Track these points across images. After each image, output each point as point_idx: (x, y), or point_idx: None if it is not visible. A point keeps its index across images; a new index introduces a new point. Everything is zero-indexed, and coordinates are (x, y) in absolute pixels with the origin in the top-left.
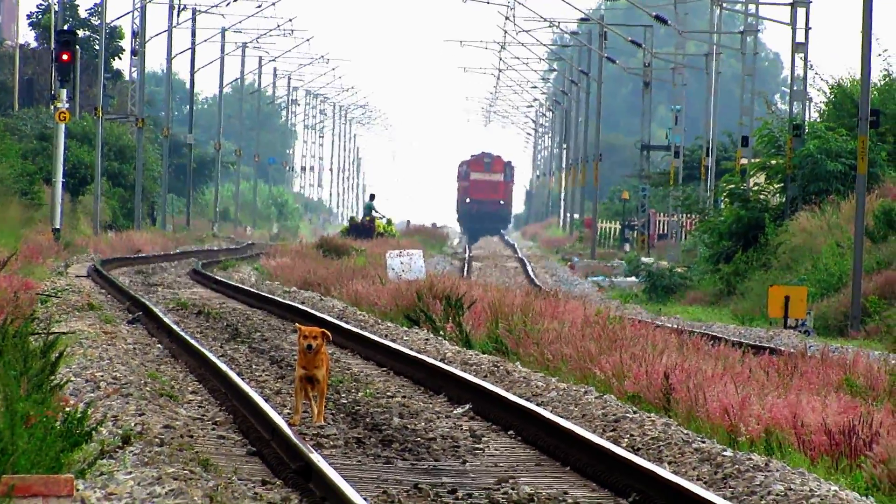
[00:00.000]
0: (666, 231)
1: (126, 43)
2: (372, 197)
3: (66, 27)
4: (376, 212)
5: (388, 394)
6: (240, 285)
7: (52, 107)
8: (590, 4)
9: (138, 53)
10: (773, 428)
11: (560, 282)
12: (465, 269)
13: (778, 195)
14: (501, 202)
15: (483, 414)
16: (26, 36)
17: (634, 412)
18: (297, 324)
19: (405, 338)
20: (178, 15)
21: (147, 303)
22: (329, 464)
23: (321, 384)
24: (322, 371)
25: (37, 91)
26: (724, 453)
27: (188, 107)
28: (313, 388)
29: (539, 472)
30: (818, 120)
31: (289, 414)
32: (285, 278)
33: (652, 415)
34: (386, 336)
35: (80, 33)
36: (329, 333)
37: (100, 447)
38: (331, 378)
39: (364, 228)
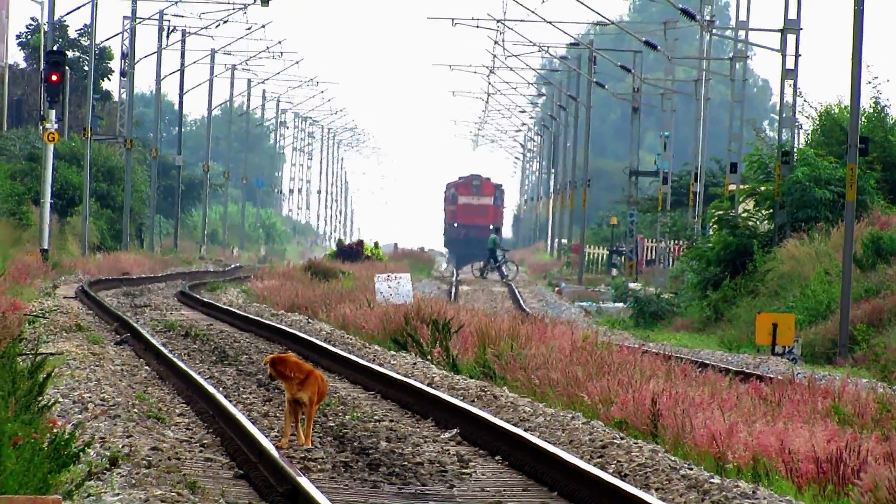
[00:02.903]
0: (654, 257)
1: (115, 64)
2: (497, 230)
3: (55, 48)
4: (500, 248)
5: (376, 418)
6: (227, 307)
7: (40, 127)
8: (579, 29)
9: (127, 75)
10: (760, 455)
11: (547, 307)
12: (453, 293)
13: (766, 222)
14: (491, 227)
15: (470, 439)
16: (15, 56)
17: (622, 438)
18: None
19: (392, 362)
20: (168, 36)
21: (135, 324)
22: (316, 487)
23: (308, 407)
24: (307, 394)
25: (26, 112)
26: (712, 480)
27: (177, 128)
28: (301, 410)
29: (526, 497)
30: (807, 145)
31: (276, 437)
32: (273, 301)
33: (639, 441)
34: (373, 360)
35: (70, 54)
36: (281, 357)
37: (87, 468)
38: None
39: (352, 251)
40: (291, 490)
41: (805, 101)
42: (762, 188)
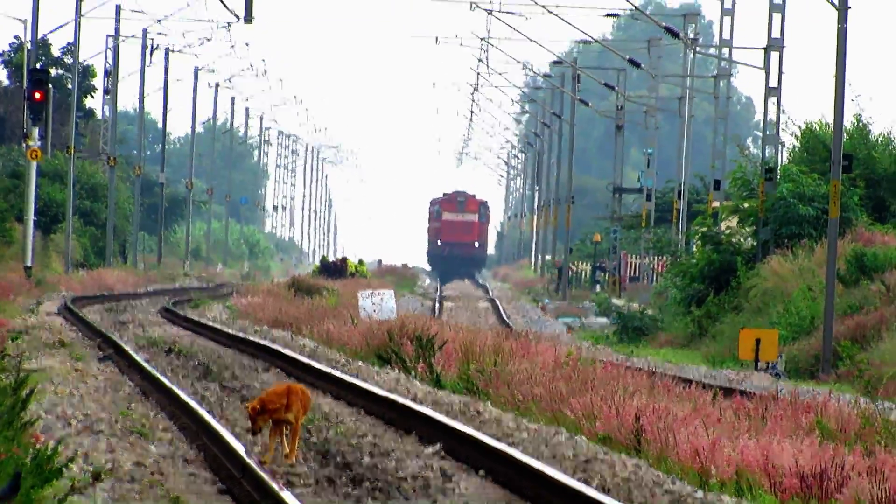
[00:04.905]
0: (637, 273)
1: (98, 82)
2: (570, 251)
3: (38, 66)
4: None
5: (359, 433)
6: (211, 324)
7: (24, 145)
8: (563, 47)
9: (111, 92)
10: (744, 470)
11: (531, 323)
12: (437, 309)
13: (750, 238)
14: (476, 245)
15: (454, 454)
16: None
17: (605, 453)
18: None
19: (376, 377)
20: (151, 54)
21: (118, 341)
22: (300, 503)
23: (294, 425)
24: (293, 414)
25: (9, 129)
26: (695, 495)
27: (160, 146)
28: (287, 428)
29: None
30: (790, 162)
31: (260, 452)
32: (256, 317)
33: (623, 456)
34: (357, 376)
35: (53, 72)
36: (257, 405)
37: (70, 484)
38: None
39: (335, 268)
40: None
41: (788, 118)
42: (745, 205)
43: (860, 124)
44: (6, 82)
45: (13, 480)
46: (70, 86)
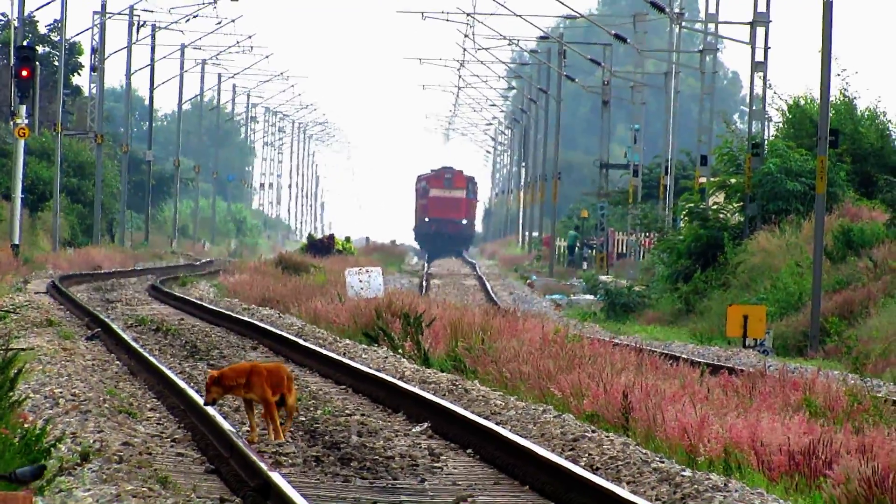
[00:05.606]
0: (625, 250)
1: (85, 59)
2: (577, 227)
3: (25, 43)
4: (579, 242)
5: (347, 412)
6: (198, 302)
7: (11, 123)
8: (549, 23)
9: (97, 69)
10: (732, 448)
11: (519, 300)
12: (424, 286)
13: (737, 214)
14: (464, 222)
15: (442, 432)
16: None
17: (593, 431)
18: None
19: (364, 356)
20: (138, 31)
21: (106, 319)
22: (288, 482)
23: (268, 406)
24: (255, 394)
25: None
26: (683, 473)
27: (147, 123)
28: (252, 408)
29: (497, 490)
30: (776, 137)
31: (247, 432)
32: (244, 295)
33: (610, 434)
34: (344, 354)
35: (40, 49)
36: (216, 375)
37: (58, 464)
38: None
39: (323, 246)
40: (263, 485)
41: (775, 93)
42: (732, 180)
43: (846, 99)
44: None
45: (37, 469)
46: (57, 63)
